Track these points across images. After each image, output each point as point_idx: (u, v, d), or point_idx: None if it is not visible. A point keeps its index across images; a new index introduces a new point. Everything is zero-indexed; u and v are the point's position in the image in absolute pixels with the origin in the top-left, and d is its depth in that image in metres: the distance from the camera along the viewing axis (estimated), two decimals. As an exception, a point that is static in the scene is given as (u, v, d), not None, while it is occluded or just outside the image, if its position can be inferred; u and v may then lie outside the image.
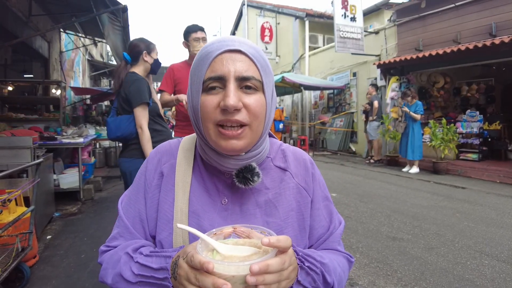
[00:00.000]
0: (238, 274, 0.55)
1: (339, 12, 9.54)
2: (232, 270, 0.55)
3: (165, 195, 0.80)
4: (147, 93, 2.31)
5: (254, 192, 0.80)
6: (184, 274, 0.60)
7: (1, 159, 3.37)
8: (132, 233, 0.80)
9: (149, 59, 2.47)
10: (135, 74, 2.36)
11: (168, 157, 0.85)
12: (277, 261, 0.57)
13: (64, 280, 2.65)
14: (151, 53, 2.48)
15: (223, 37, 0.74)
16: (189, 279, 0.58)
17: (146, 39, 2.51)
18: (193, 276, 0.58)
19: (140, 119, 2.27)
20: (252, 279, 0.53)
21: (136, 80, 2.32)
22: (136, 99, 2.25)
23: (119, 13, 5.02)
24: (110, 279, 0.73)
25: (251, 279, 0.53)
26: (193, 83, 0.74)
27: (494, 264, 2.90)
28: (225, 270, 0.55)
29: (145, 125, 2.28)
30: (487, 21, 7.24)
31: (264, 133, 0.77)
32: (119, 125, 2.31)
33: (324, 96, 13.34)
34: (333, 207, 0.90)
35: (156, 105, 2.48)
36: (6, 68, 7.29)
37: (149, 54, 2.46)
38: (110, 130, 2.35)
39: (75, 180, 4.87)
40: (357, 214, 4.38)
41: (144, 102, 2.28)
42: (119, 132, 2.31)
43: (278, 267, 0.57)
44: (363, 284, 2.62)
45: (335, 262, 0.77)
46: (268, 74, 0.75)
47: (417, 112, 7.47)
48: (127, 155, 2.36)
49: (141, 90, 2.27)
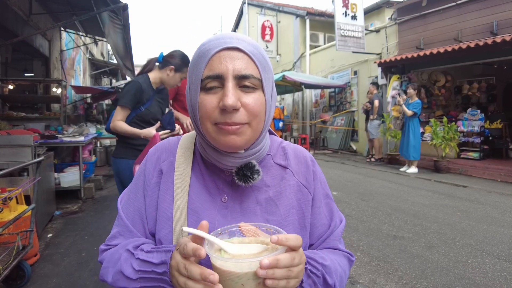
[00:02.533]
0: (251, 270, 0.55)
1: (340, 11, 9.52)
2: (244, 267, 0.55)
3: (164, 193, 0.79)
4: (131, 97, 2.26)
5: (254, 189, 0.80)
6: (175, 265, 0.60)
7: (2, 157, 3.38)
8: (131, 231, 0.79)
9: (171, 75, 2.37)
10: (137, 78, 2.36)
11: (167, 154, 0.85)
12: (287, 257, 0.57)
13: (65, 278, 2.65)
14: (177, 72, 2.38)
15: (221, 34, 0.73)
16: (179, 270, 0.58)
17: (188, 60, 2.40)
18: (182, 266, 0.58)
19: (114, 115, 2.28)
20: (262, 272, 0.54)
21: (130, 82, 2.33)
22: (119, 100, 2.28)
23: (120, 12, 5.01)
24: (111, 277, 0.73)
25: (261, 271, 0.54)
26: (191, 82, 0.74)
27: (495, 263, 2.89)
28: (238, 268, 0.55)
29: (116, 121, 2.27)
30: (489, 20, 7.22)
31: (264, 130, 0.76)
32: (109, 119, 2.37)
33: (325, 95, 13.32)
34: (334, 205, 0.89)
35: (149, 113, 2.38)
36: (6, 67, 7.29)
37: (175, 72, 2.38)
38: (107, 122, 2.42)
39: (76, 178, 4.88)
40: (358, 213, 4.38)
41: (121, 105, 2.25)
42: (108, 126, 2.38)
43: (288, 263, 0.57)
44: (364, 283, 2.61)
45: (336, 262, 0.77)
46: (268, 71, 0.74)
47: (414, 109, 7.24)
48: (114, 154, 2.42)
49: (125, 93, 2.26)
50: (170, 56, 2.37)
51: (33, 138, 3.57)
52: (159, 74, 2.39)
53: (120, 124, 2.26)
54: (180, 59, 2.38)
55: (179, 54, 2.40)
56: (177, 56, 2.38)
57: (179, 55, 2.39)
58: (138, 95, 2.28)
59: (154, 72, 2.40)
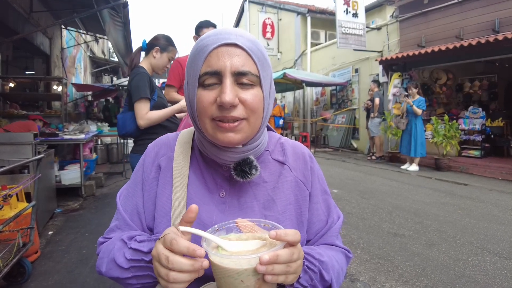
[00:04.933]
0: (251, 266, 0.55)
1: (341, 8, 9.49)
2: (244, 263, 0.55)
3: (163, 188, 0.79)
4: (147, 87, 2.20)
5: (252, 185, 0.80)
6: (156, 255, 0.58)
7: (2, 154, 3.38)
8: (129, 225, 0.80)
9: (158, 56, 2.33)
10: (138, 69, 2.27)
11: (166, 150, 0.85)
12: (286, 252, 0.57)
13: (66, 275, 2.66)
14: (163, 53, 2.33)
15: (219, 30, 0.72)
16: (160, 260, 0.57)
17: (171, 40, 2.38)
18: (164, 258, 0.56)
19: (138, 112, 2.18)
20: (261, 268, 0.54)
21: (137, 74, 2.22)
22: (135, 95, 2.18)
23: (120, 9, 5.01)
24: (104, 267, 0.73)
25: (261, 267, 0.54)
26: (189, 77, 0.73)
27: (496, 261, 2.89)
28: (237, 264, 0.55)
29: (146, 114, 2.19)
30: (491, 17, 7.19)
31: (262, 126, 0.76)
32: (125, 123, 2.29)
33: (325, 93, 13.30)
34: (331, 201, 0.89)
35: (162, 100, 2.36)
36: (7, 65, 7.29)
37: (161, 52, 2.33)
38: (119, 127, 2.33)
39: (77, 176, 4.88)
40: (359, 211, 4.38)
41: (143, 97, 2.17)
42: (125, 130, 2.30)
43: (287, 258, 0.57)
44: (364, 280, 2.61)
45: (333, 259, 0.77)
46: (266, 67, 0.74)
47: (419, 107, 7.34)
48: (134, 150, 2.35)
49: (139, 85, 2.18)
50: (153, 40, 2.35)
51: (33, 136, 3.57)
52: (147, 60, 2.35)
53: (152, 114, 2.19)
54: (163, 39, 2.35)
55: (162, 36, 2.37)
56: (160, 37, 2.36)
57: (162, 36, 2.37)
58: (150, 84, 2.24)
59: (143, 62, 2.35)
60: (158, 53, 2.33)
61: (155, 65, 2.36)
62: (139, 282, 0.69)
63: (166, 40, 2.36)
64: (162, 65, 2.39)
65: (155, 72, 2.42)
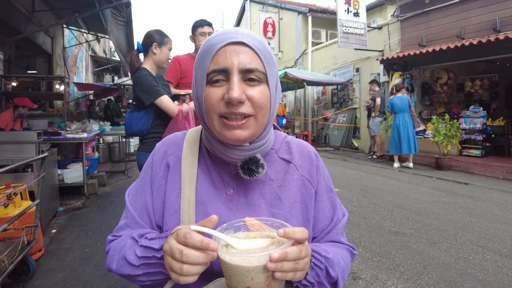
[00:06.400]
0: (261, 264, 0.57)
1: (342, 7, 9.49)
2: (254, 261, 0.57)
3: (172, 186, 0.81)
4: (157, 87, 2.24)
5: (259, 183, 0.81)
6: (168, 250, 0.60)
7: (6, 153, 3.40)
8: (139, 223, 0.81)
9: (158, 52, 2.36)
10: (140, 71, 2.29)
11: (174, 148, 0.86)
12: (295, 250, 0.59)
13: (69, 273, 2.68)
14: (161, 46, 2.37)
15: (226, 29, 0.74)
16: (173, 255, 0.59)
17: (163, 32, 2.42)
18: (178, 252, 0.58)
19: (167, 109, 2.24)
20: (271, 265, 0.56)
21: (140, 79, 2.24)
22: (150, 99, 2.22)
23: (122, 8, 5.02)
24: (115, 265, 0.74)
25: (271, 265, 0.56)
26: (197, 76, 0.75)
27: (497, 259, 2.90)
28: (247, 262, 0.57)
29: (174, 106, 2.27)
30: (492, 17, 7.19)
31: (268, 124, 0.78)
32: (131, 123, 2.32)
33: (326, 92, 13.30)
34: (337, 199, 0.90)
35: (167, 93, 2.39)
36: (10, 64, 7.32)
37: (159, 47, 2.36)
38: (126, 127, 2.38)
39: (79, 175, 4.91)
40: (360, 209, 4.39)
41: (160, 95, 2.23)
42: (131, 130, 2.34)
43: (296, 256, 0.59)
44: (366, 278, 2.63)
45: (338, 256, 0.78)
46: (272, 65, 0.76)
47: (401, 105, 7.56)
48: (141, 148, 2.38)
49: (149, 89, 2.22)
50: (147, 38, 2.37)
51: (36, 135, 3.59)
52: (149, 59, 2.37)
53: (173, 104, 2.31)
54: (157, 34, 2.38)
55: (154, 31, 2.40)
56: (153, 33, 2.38)
57: (154, 32, 2.40)
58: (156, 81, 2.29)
59: (145, 63, 2.38)
60: (157, 48, 2.37)
61: (158, 60, 2.39)
62: (150, 279, 0.71)
63: (160, 34, 2.40)
64: (165, 58, 2.43)
65: (159, 67, 2.45)
